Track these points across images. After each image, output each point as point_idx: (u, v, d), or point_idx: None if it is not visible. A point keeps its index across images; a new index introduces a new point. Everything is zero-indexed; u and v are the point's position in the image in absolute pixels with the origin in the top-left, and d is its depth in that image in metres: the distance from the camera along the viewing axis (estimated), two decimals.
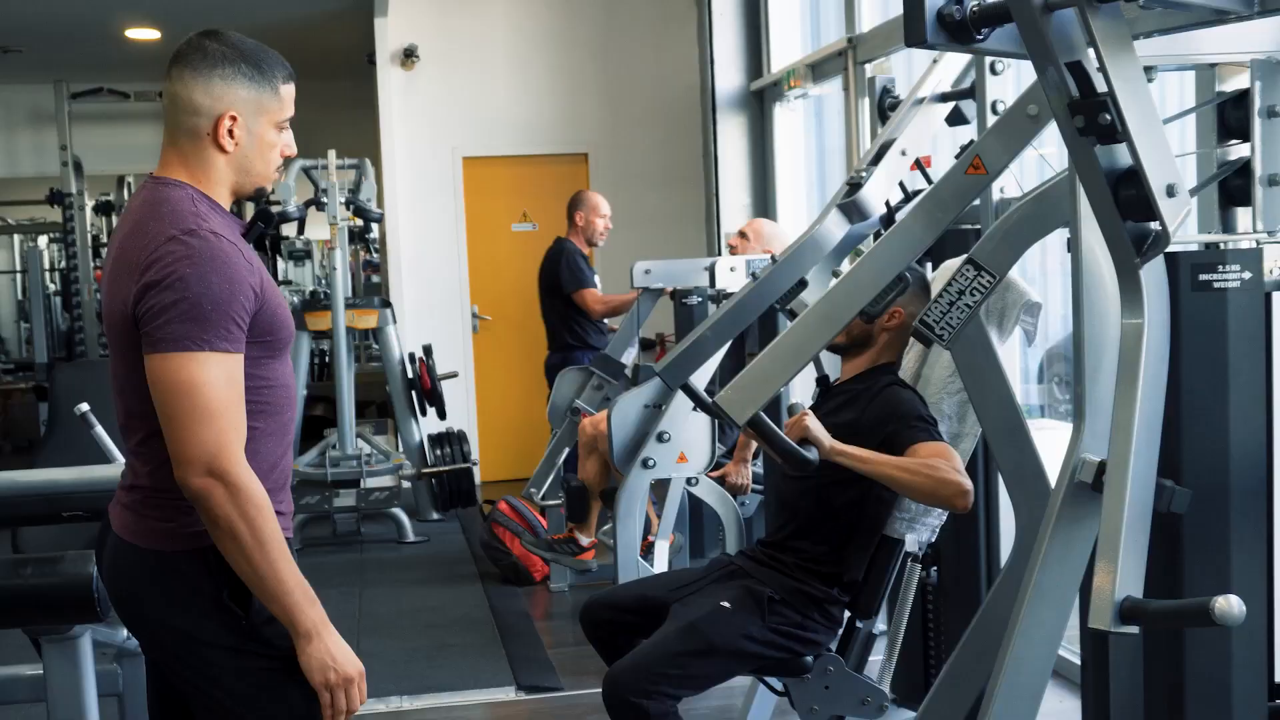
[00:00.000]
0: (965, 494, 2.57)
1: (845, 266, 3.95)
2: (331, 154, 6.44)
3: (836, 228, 3.18)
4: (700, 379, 4.24)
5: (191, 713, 1.96)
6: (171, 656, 1.92)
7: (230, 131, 1.87)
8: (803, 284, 3.11)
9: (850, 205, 3.16)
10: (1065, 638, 3.77)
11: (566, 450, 5.39)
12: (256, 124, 1.89)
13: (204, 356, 1.75)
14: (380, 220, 6.94)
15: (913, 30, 1.82)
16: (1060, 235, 2.44)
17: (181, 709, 1.97)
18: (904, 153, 3.18)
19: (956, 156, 2.64)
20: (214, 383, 1.75)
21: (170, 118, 1.89)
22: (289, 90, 1.93)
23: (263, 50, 1.91)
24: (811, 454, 2.56)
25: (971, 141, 2.81)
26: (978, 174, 2.57)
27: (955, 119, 3.39)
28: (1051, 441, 2.42)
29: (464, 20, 7.70)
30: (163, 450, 1.80)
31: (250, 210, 10.01)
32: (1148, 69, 2.12)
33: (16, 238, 11.32)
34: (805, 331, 2.54)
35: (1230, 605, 1.65)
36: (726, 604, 2.75)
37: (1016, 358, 4.44)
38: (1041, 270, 4.64)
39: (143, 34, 8.56)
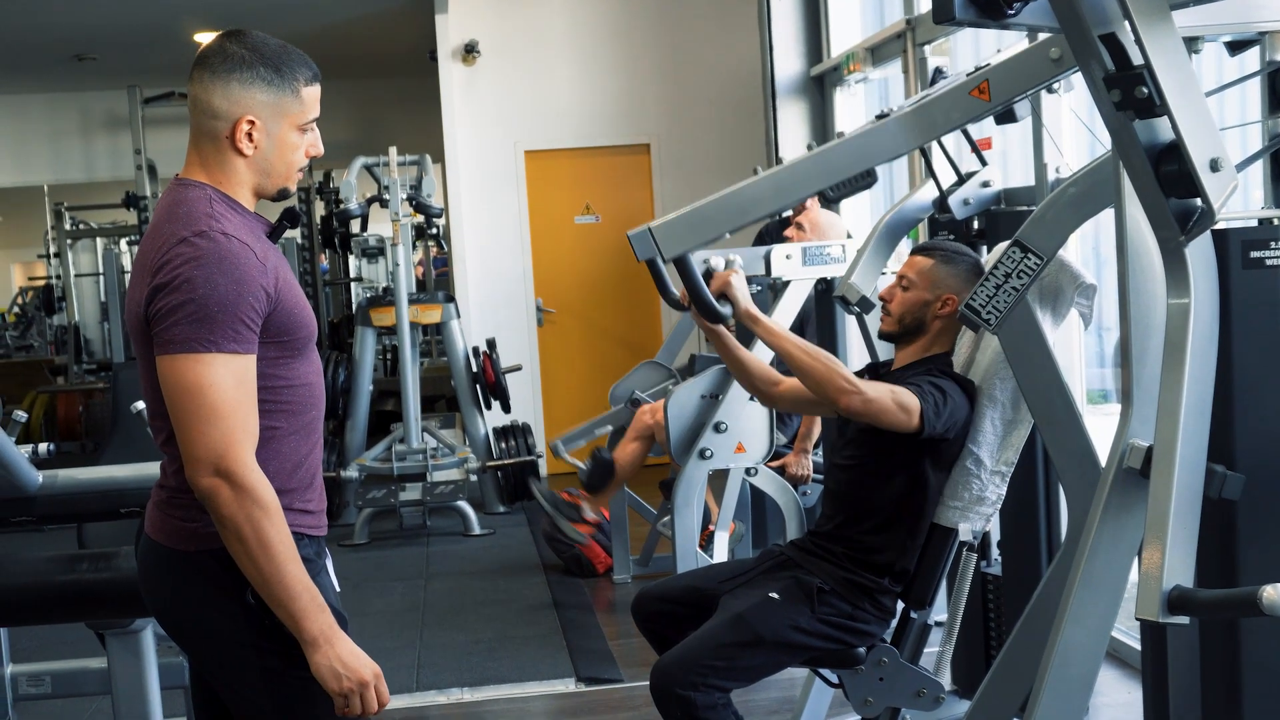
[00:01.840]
0: (848, 393, 2.62)
1: (905, 245, 3.87)
2: (392, 150, 6.49)
3: None
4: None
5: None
6: (201, 655, 1.94)
7: (249, 135, 1.86)
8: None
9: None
10: (1133, 626, 3.72)
11: (610, 429, 5.33)
12: (276, 127, 1.87)
13: (210, 358, 1.75)
14: (440, 215, 6.98)
15: (941, 6, 1.77)
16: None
17: (222, 707, 1.97)
18: None
19: (968, 75, 2.57)
20: (221, 384, 1.75)
21: (193, 119, 1.89)
22: (312, 92, 1.90)
23: (286, 52, 1.88)
24: (725, 309, 2.70)
25: (988, 64, 2.72)
26: (981, 99, 2.50)
27: (1004, 116, 3.26)
28: None
29: (523, 14, 7.73)
30: None
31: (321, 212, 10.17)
32: (1193, 40, 2.05)
33: (99, 241, 11.57)
34: (756, 192, 2.57)
35: (1279, 594, 1.59)
36: (775, 595, 2.72)
37: (1085, 342, 4.34)
38: (1096, 253, 4.52)
39: (210, 38, 8.68)
